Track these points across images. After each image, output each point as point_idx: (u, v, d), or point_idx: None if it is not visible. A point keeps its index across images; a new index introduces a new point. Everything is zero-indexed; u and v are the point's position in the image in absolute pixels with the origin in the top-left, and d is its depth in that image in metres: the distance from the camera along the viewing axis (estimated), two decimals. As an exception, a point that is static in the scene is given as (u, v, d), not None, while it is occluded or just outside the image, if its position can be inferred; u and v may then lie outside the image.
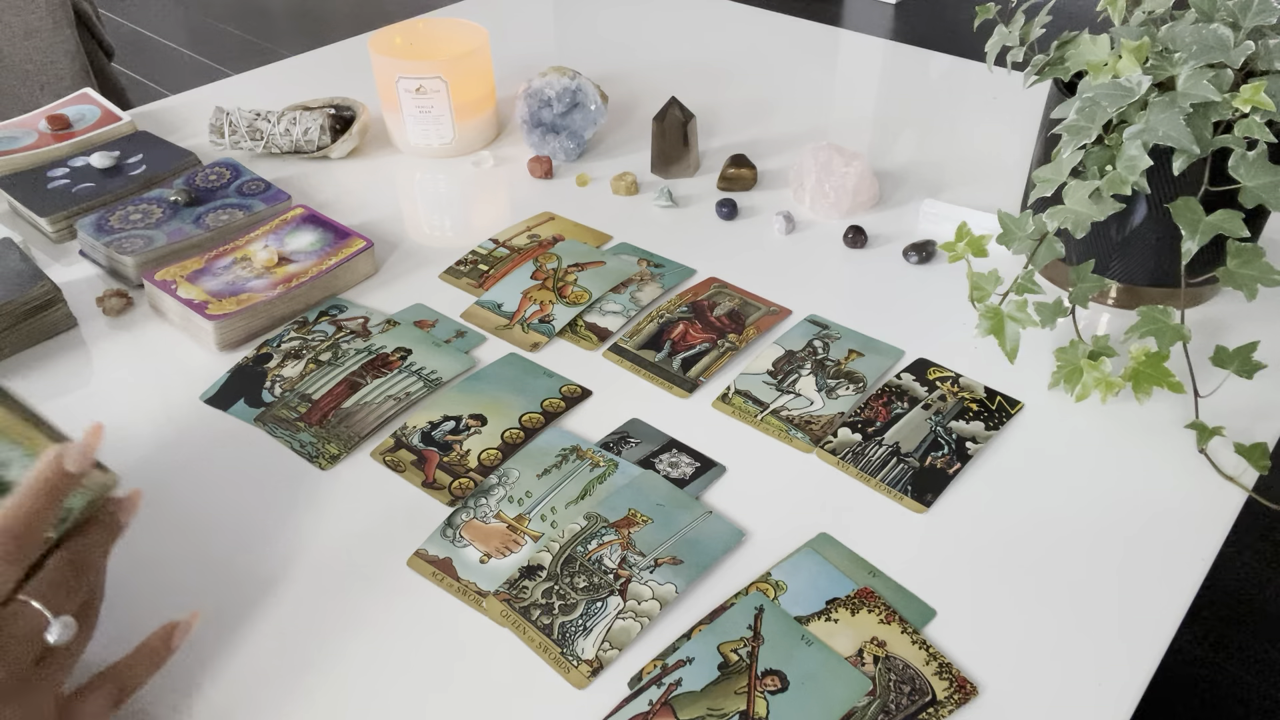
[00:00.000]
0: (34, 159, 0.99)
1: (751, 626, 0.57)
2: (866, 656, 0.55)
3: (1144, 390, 0.69)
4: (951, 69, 1.28)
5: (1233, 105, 0.66)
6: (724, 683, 0.54)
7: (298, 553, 0.63)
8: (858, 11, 3.54)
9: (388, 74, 1.02)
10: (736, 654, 0.55)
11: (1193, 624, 1.46)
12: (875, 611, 0.58)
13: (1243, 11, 0.70)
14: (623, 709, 0.53)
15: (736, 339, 0.79)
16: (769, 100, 1.18)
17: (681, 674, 0.55)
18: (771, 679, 0.54)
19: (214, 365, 0.78)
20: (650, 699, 0.53)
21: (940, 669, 0.55)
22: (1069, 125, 0.69)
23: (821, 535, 0.63)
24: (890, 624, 0.57)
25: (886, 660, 0.55)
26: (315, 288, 0.83)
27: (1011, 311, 0.71)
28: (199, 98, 1.19)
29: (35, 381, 0.76)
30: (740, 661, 0.55)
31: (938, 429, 0.71)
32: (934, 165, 1.04)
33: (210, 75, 3.12)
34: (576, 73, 1.04)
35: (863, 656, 0.55)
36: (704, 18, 1.43)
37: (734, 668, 0.55)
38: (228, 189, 0.95)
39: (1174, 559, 0.62)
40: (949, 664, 0.55)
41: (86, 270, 0.88)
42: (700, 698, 0.53)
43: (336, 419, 0.72)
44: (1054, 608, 0.59)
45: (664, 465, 0.68)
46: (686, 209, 0.97)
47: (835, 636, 0.57)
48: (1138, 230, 0.77)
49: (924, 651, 0.56)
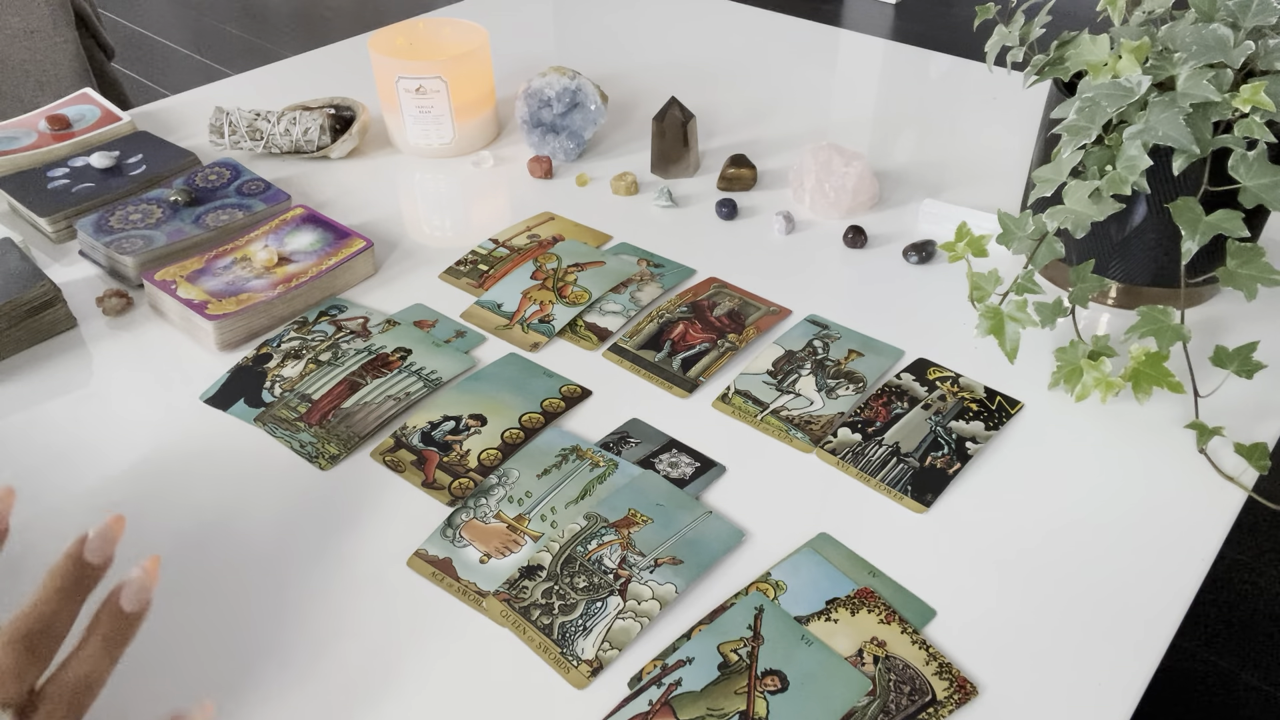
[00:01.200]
0: (34, 159, 0.99)
1: (751, 626, 0.57)
2: (866, 656, 0.55)
3: (1144, 390, 0.69)
4: (951, 69, 1.28)
5: (1233, 105, 0.66)
6: (724, 683, 0.54)
7: (298, 553, 0.63)
8: (858, 11, 3.54)
9: (388, 74, 1.02)
10: (736, 654, 0.55)
11: (1193, 624, 1.46)
12: (875, 611, 0.58)
13: (1243, 11, 0.70)
14: (623, 709, 0.53)
15: (736, 339, 0.79)
16: (769, 100, 1.18)
17: (681, 674, 0.55)
18: (771, 679, 0.54)
19: (214, 365, 0.78)
20: (650, 699, 0.53)
21: (940, 669, 0.55)
22: (1069, 125, 0.69)
23: (821, 535, 0.63)
24: (890, 624, 0.57)
25: (886, 660, 0.55)
26: (315, 288, 0.83)
27: (1011, 311, 0.71)
28: (199, 98, 1.19)
29: (35, 381, 0.76)
30: (740, 661, 0.55)
31: (938, 429, 0.71)
32: (934, 165, 1.04)
33: (210, 75, 3.12)
34: (576, 73, 1.04)
35: (862, 656, 0.55)
36: (704, 18, 1.43)
37: (734, 668, 0.55)
38: (228, 189, 0.95)
39: (1174, 559, 0.62)
40: (949, 664, 0.55)
41: (86, 270, 0.88)
42: (700, 698, 0.53)
43: (336, 419, 0.72)
44: (1054, 608, 0.59)
45: (664, 465, 0.68)
46: (686, 209, 0.97)
47: (835, 636, 0.57)
48: (1138, 230, 0.77)
49: (924, 651, 0.56)
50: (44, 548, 0.63)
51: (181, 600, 0.60)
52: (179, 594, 0.60)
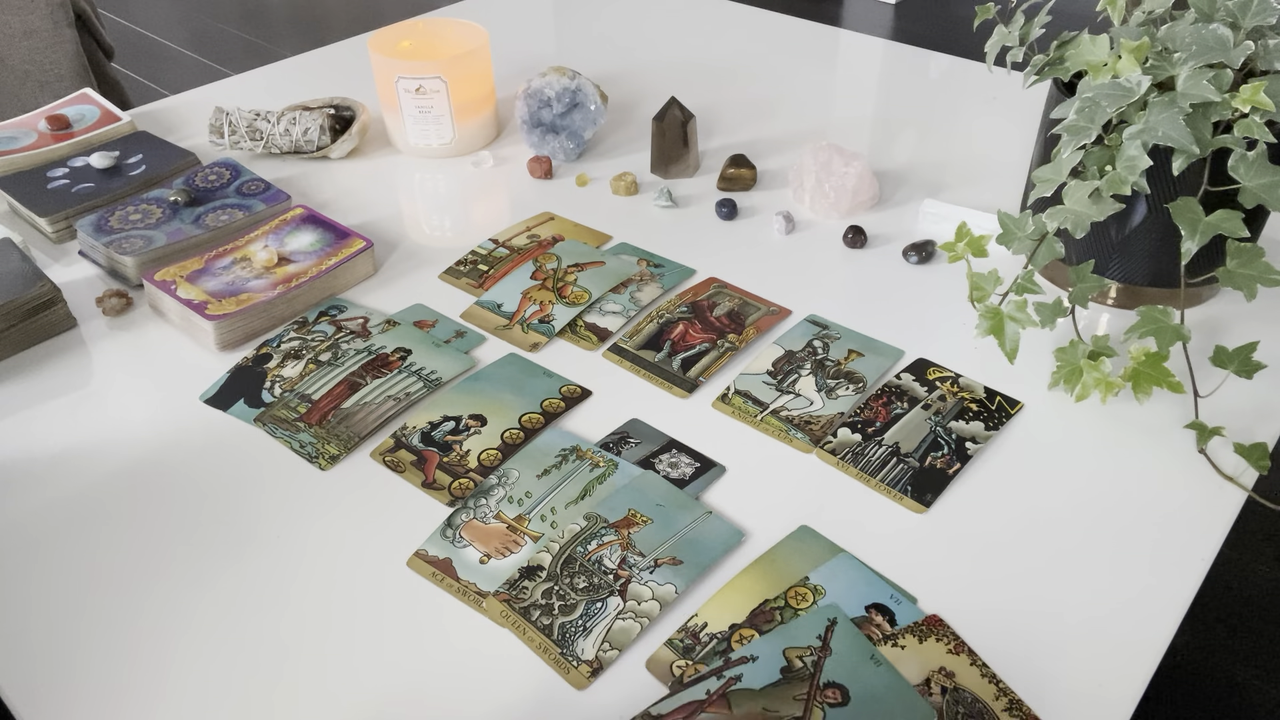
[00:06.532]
0: (34, 159, 0.99)
1: (821, 637, 0.56)
2: (934, 687, 0.54)
3: (1144, 390, 0.69)
4: (951, 69, 1.28)
5: (1232, 105, 0.66)
6: (784, 686, 0.54)
7: (298, 553, 0.63)
8: (858, 11, 3.54)
9: (387, 74, 1.02)
10: (801, 661, 0.55)
11: (1193, 624, 1.46)
12: (944, 641, 0.56)
13: (1242, 11, 0.70)
14: (678, 694, 0.53)
15: (736, 339, 0.79)
16: (769, 100, 1.18)
17: (743, 670, 0.54)
18: (833, 692, 0.53)
19: (214, 365, 0.78)
20: (708, 689, 0.53)
21: (1010, 706, 0.53)
22: (1069, 125, 0.69)
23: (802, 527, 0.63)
24: (959, 655, 0.56)
25: (955, 692, 0.54)
26: (315, 288, 0.83)
27: (1011, 311, 0.71)
28: (199, 98, 1.19)
29: (35, 381, 0.76)
30: (804, 669, 0.54)
31: (937, 429, 0.71)
32: (934, 165, 1.04)
33: (210, 75, 3.12)
34: (576, 73, 1.04)
35: (929, 686, 0.54)
36: (704, 18, 1.43)
37: (797, 674, 0.54)
38: (227, 189, 0.95)
39: (1174, 559, 0.62)
40: (1019, 700, 0.53)
41: (86, 270, 0.88)
42: (758, 696, 0.53)
43: (336, 419, 0.72)
44: (1054, 607, 0.59)
45: (664, 465, 0.68)
46: (686, 209, 0.97)
47: (902, 662, 0.55)
48: (1138, 230, 0.77)
49: (994, 686, 0.54)
50: (44, 547, 0.63)
51: (181, 600, 0.60)
52: (179, 594, 0.60)
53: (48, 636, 0.58)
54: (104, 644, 0.57)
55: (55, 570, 0.62)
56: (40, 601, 0.60)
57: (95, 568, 0.62)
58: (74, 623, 0.58)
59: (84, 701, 0.54)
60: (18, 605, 0.60)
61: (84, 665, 0.56)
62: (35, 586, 0.61)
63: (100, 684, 0.55)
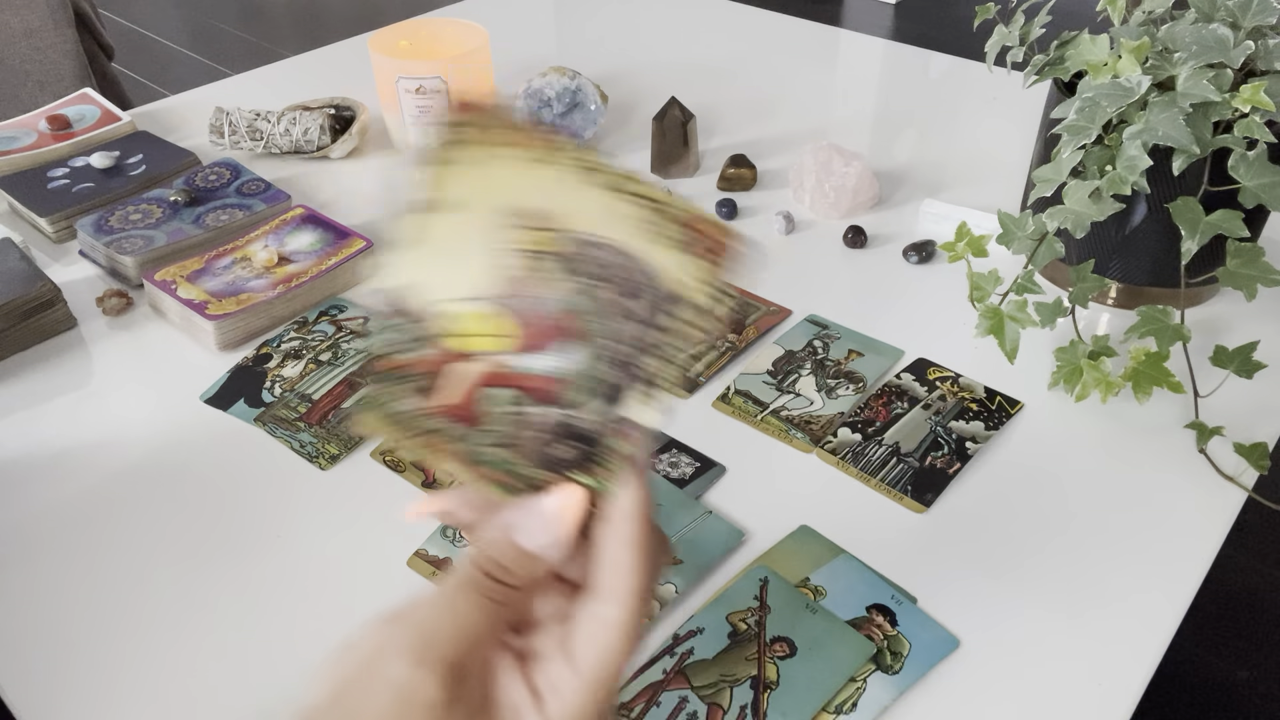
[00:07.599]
0: (34, 159, 0.99)
1: (757, 597, 0.59)
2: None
3: (1144, 390, 0.69)
4: (951, 69, 1.28)
5: (1233, 105, 0.66)
6: (735, 650, 0.56)
7: (298, 553, 0.63)
8: (858, 11, 3.54)
9: (388, 74, 1.02)
10: (745, 623, 0.57)
11: (1193, 624, 1.46)
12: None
13: (1242, 11, 0.70)
14: (636, 679, 0.54)
15: (736, 339, 0.79)
16: (769, 100, 1.18)
17: (693, 643, 0.56)
18: (780, 645, 0.56)
19: (214, 365, 0.78)
20: (664, 668, 0.55)
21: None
22: (1069, 125, 0.69)
23: (801, 526, 0.63)
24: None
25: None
26: (315, 288, 0.83)
27: (1011, 311, 0.71)
28: (199, 98, 1.19)
29: (35, 381, 0.76)
30: (749, 630, 0.57)
31: (937, 429, 0.71)
32: (934, 165, 1.04)
33: (210, 75, 3.12)
34: (576, 73, 1.04)
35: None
36: (704, 18, 1.43)
37: (744, 636, 0.56)
38: (228, 189, 0.95)
39: (1174, 559, 0.62)
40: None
41: (86, 270, 0.88)
42: (712, 665, 0.55)
43: (336, 419, 0.72)
44: (1054, 607, 0.59)
45: (664, 465, 0.68)
46: (686, 209, 0.97)
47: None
48: (1138, 230, 0.77)
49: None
50: (44, 547, 0.63)
51: (181, 600, 0.60)
52: (179, 594, 0.60)
53: (48, 636, 0.58)
54: (104, 644, 0.57)
55: (55, 570, 0.61)
56: (40, 601, 0.60)
57: (95, 568, 0.62)
58: (74, 623, 0.58)
59: (84, 701, 0.54)
60: (18, 605, 0.60)
61: (84, 665, 0.56)
62: (35, 586, 0.61)
63: (100, 683, 0.55)
